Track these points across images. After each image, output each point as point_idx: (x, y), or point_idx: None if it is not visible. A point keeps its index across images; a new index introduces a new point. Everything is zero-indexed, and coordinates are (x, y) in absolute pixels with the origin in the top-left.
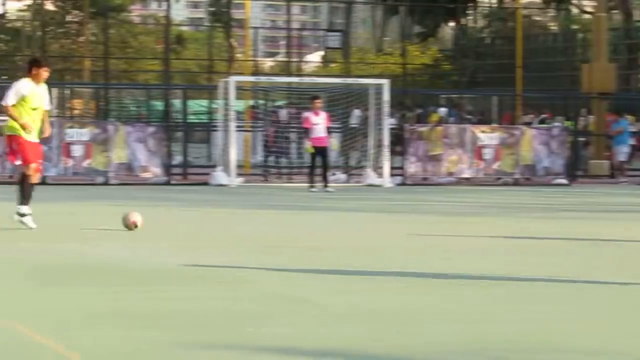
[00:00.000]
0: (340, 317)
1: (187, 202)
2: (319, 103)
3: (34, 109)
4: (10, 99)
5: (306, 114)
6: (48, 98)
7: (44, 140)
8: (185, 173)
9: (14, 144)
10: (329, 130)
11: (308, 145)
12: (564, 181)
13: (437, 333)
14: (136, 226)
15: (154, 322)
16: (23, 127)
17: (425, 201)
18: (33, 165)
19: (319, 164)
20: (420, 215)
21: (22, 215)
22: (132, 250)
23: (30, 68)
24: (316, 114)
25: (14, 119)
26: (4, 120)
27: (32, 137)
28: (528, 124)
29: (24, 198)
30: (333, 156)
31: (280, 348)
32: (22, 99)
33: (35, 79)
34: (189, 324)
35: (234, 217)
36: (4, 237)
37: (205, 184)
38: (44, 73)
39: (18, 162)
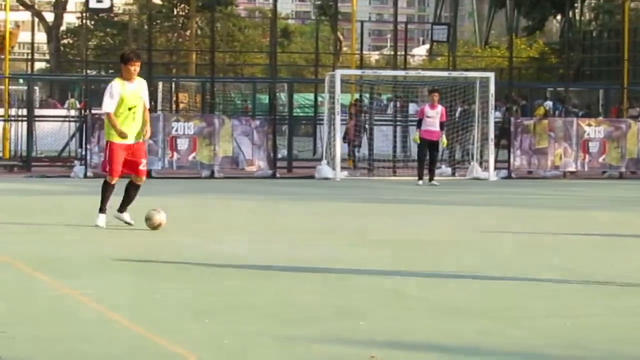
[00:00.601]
0: (445, 312)
1: (293, 196)
2: (436, 96)
3: (130, 109)
4: (107, 106)
5: (422, 106)
6: (146, 94)
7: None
8: (290, 166)
9: (106, 150)
10: (442, 126)
11: (416, 135)
12: None
13: (545, 327)
14: (160, 225)
15: (269, 315)
16: (119, 134)
17: (531, 194)
18: (116, 178)
19: (426, 157)
20: (527, 209)
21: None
22: (243, 245)
23: (122, 65)
24: (432, 107)
25: (113, 126)
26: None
27: (128, 140)
28: (634, 117)
29: (102, 202)
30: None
31: (389, 342)
32: (118, 101)
33: (126, 76)
34: (296, 317)
35: (340, 211)
36: (109, 233)
37: (311, 177)
38: (131, 68)
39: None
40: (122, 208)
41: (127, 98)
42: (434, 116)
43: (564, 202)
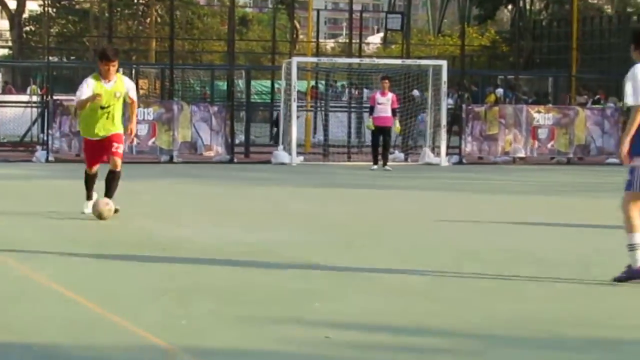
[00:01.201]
0: (396, 294)
1: (250, 180)
2: (386, 83)
3: (103, 108)
4: (78, 96)
5: (373, 93)
6: (131, 91)
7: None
8: (248, 152)
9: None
10: (394, 112)
11: (370, 122)
12: (617, 160)
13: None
14: (101, 215)
15: (225, 297)
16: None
17: (481, 179)
18: (94, 168)
19: (380, 143)
20: (477, 193)
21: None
22: (200, 228)
23: (98, 62)
24: (383, 94)
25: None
26: None
27: (96, 137)
28: (582, 104)
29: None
30: (393, 136)
31: (343, 323)
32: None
33: (102, 75)
34: (251, 299)
35: (296, 196)
36: (70, 217)
37: (267, 162)
38: (104, 68)
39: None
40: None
41: (102, 95)
42: (385, 103)
43: (513, 187)
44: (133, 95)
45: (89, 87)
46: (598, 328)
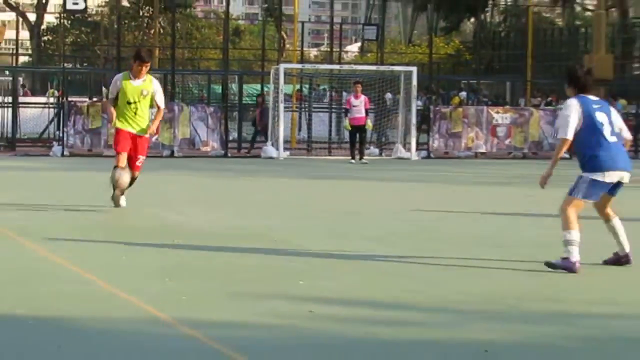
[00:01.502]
0: (375, 273)
1: (242, 173)
2: (359, 87)
3: (129, 103)
4: (107, 95)
5: (348, 97)
6: (158, 94)
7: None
8: (240, 147)
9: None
10: (367, 112)
11: (346, 123)
12: (567, 155)
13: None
14: (118, 181)
15: (213, 275)
16: (110, 119)
17: (447, 172)
18: (122, 158)
19: (357, 140)
20: (444, 184)
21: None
22: (197, 214)
23: (132, 61)
24: (356, 97)
25: (107, 112)
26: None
27: (131, 129)
28: (536, 106)
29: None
30: (368, 133)
31: (325, 299)
32: (119, 93)
33: (133, 72)
34: (243, 277)
35: (282, 186)
36: (83, 206)
37: (257, 156)
38: (137, 68)
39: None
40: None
41: (127, 92)
42: (359, 105)
43: (475, 179)
44: (159, 100)
45: (116, 84)
46: (556, 303)
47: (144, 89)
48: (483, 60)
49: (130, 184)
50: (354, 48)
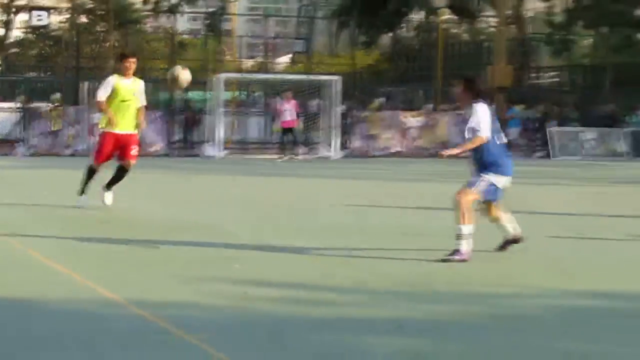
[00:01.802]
0: (302, 258)
1: (186, 170)
2: (289, 94)
3: (123, 101)
4: (99, 95)
5: (279, 102)
6: (142, 94)
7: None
8: (184, 148)
9: (100, 138)
10: (297, 115)
11: (274, 127)
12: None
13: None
14: (179, 80)
15: (158, 263)
16: (110, 120)
17: (365, 169)
18: (101, 165)
19: (287, 141)
20: (361, 180)
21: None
22: (142, 206)
23: (119, 63)
24: (287, 102)
25: (103, 111)
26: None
27: (119, 129)
28: (445, 111)
29: (83, 184)
30: (297, 135)
31: (258, 281)
32: (111, 93)
33: (122, 72)
34: (187, 264)
35: (219, 181)
36: (52, 201)
37: (198, 155)
38: (126, 64)
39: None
40: (108, 186)
41: (121, 90)
42: (289, 109)
43: (390, 175)
44: (143, 100)
45: (108, 84)
46: (464, 285)
47: (134, 89)
48: (399, 70)
49: (122, 177)
50: (285, 59)
